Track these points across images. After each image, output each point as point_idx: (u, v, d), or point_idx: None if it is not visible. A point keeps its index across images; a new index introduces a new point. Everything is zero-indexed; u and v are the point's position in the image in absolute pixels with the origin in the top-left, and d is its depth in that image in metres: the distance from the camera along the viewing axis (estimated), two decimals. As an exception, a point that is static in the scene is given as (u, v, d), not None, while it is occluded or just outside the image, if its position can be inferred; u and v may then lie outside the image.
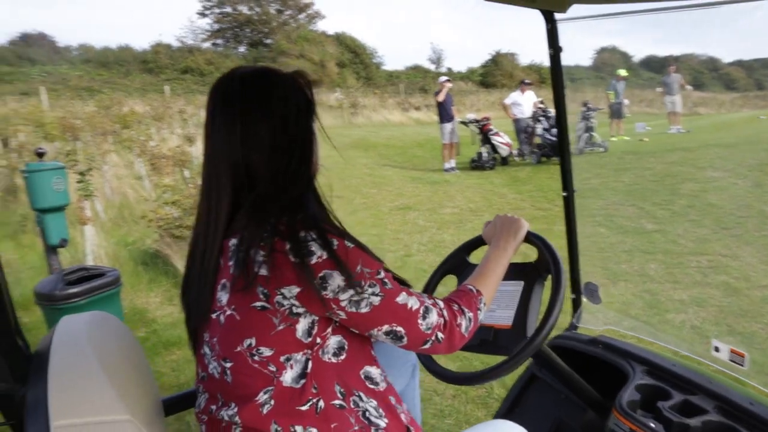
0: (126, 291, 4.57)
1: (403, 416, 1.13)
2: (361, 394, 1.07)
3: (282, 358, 1.00)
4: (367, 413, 1.07)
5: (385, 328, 1.04)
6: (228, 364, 1.03)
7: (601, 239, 5.43)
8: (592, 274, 1.95)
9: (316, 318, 1.00)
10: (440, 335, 1.09)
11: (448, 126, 10.28)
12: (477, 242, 1.50)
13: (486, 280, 1.25)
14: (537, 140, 10.68)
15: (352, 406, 1.05)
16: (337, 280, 0.97)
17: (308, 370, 1.01)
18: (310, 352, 1.01)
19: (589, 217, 6.08)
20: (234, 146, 1.04)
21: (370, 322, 1.02)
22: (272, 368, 1.00)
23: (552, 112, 9.95)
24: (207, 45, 37.86)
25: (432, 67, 41.44)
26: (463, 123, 11.01)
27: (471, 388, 2.84)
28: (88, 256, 4.39)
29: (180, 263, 4.63)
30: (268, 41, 37.59)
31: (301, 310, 0.98)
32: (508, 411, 1.84)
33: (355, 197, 8.59)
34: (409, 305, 1.06)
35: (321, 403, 1.02)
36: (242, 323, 1.00)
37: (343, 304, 0.99)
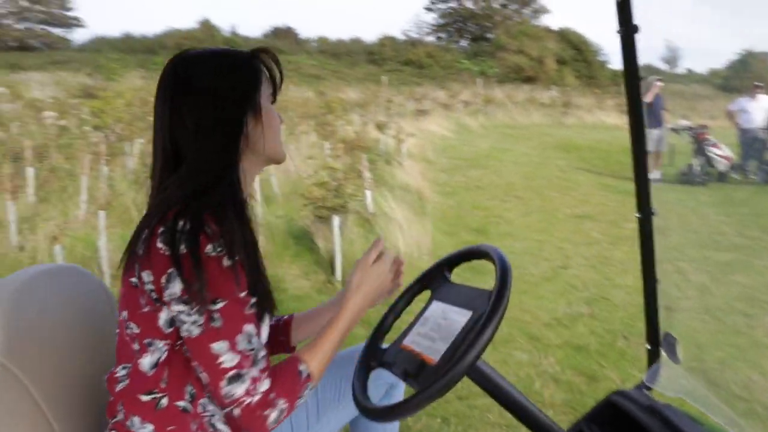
0: (272, 259, 4.86)
1: None
2: (212, 401, 1.01)
3: (145, 341, 0.98)
4: (213, 419, 1.02)
5: (195, 363, 0.95)
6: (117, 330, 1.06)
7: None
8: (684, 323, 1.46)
9: None
10: (237, 412, 0.94)
11: (654, 132, 9.06)
12: (463, 256, 1.23)
13: (323, 356, 1.07)
14: (769, 156, 8.89)
15: (199, 410, 1.01)
16: (176, 285, 0.91)
17: (161, 360, 0.98)
18: (170, 342, 0.98)
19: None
20: (163, 128, 1.03)
21: (188, 348, 0.95)
22: (136, 347, 0.99)
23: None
24: (430, 39, 39.11)
25: (665, 67, 37.32)
26: (674, 130, 9.64)
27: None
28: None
29: (321, 242, 4.77)
30: (489, 36, 37.46)
31: (160, 298, 0.95)
32: None
33: (534, 199, 8.07)
34: (221, 359, 0.92)
35: (164, 401, 0.99)
36: (122, 295, 1.01)
37: (173, 314, 0.94)
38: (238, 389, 0.92)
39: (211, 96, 1.01)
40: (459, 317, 1.06)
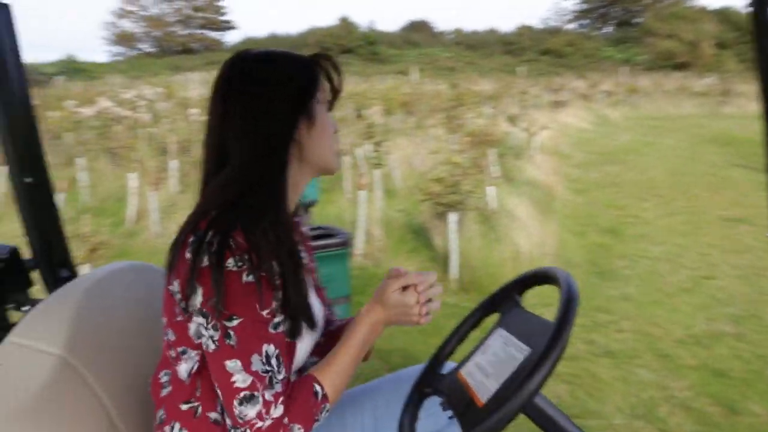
0: (388, 254, 4.88)
1: None
2: None
3: (179, 349, 0.97)
4: None
5: (212, 377, 0.91)
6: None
7: None
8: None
9: None
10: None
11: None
12: (533, 279, 1.10)
13: (338, 376, 1.00)
14: None
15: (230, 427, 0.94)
16: (197, 298, 0.89)
17: (194, 370, 0.97)
18: (201, 353, 0.96)
19: None
20: (214, 127, 1.01)
21: (207, 362, 0.92)
22: (173, 354, 0.99)
23: None
24: (571, 26, 37.17)
25: None
26: None
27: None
28: (360, 217, 4.81)
29: (437, 239, 4.69)
30: (636, 21, 34.72)
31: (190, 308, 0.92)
32: None
33: (678, 198, 7.33)
34: (234, 378, 0.88)
35: (200, 410, 0.99)
36: (164, 301, 1.00)
37: (195, 326, 0.93)
38: (250, 411, 0.88)
39: (264, 99, 0.97)
40: (517, 353, 0.94)
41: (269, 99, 0.97)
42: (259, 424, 0.88)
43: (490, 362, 0.98)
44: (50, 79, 21.84)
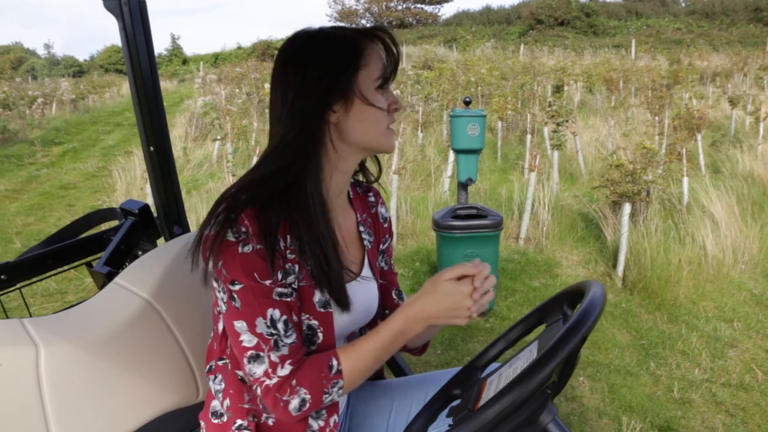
0: (553, 241, 4.63)
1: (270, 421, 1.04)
2: None
3: (216, 309, 1.04)
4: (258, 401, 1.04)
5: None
6: None
7: None
8: None
9: None
10: (258, 390, 0.95)
11: None
12: (580, 292, 0.95)
13: (359, 359, 0.98)
14: None
15: (254, 387, 0.99)
16: (211, 263, 0.95)
17: (223, 330, 1.05)
18: None
19: None
20: (270, 104, 1.04)
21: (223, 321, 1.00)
22: (215, 311, 1.06)
23: None
24: None
25: None
26: None
27: None
28: (528, 199, 4.61)
29: (609, 231, 4.32)
30: None
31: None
32: None
33: None
34: (242, 338, 0.94)
35: (230, 366, 1.05)
36: None
37: (215, 287, 0.98)
38: (258, 369, 0.93)
39: (302, 75, 0.96)
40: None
41: (306, 76, 0.96)
42: (267, 381, 0.93)
43: (508, 377, 0.90)
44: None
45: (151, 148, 1.48)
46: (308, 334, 1.01)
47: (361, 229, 1.15)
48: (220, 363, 1.07)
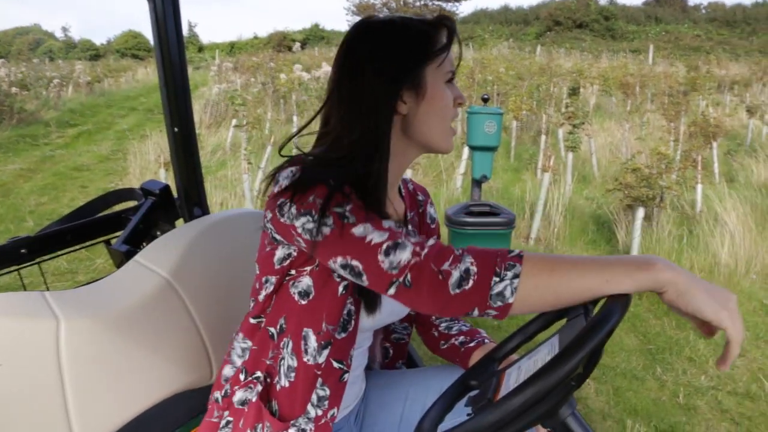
0: (564, 242, 4.61)
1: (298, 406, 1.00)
2: (291, 343, 1.00)
3: (263, 279, 1.01)
4: (284, 360, 1.01)
5: (340, 260, 0.86)
6: None
7: None
8: None
9: (294, 250, 0.96)
10: (409, 277, 0.81)
11: None
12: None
13: (547, 261, 0.79)
14: None
15: (280, 344, 1.01)
16: (290, 206, 0.88)
17: (269, 292, 1.01)
18: (279, 278, 0.99)
19: None
20: (329, 93, 1.02)
21: (325, 250, 0.87)
22: (257, 285, 1.03)
23: None
24: None
25: None
26: None
27: None
28: (541, 199, 4.59)
29: (621, 234, 4.30)
30: None
31: (279, 237, 0.95)
32: None
33: None
34: (369, 239, 0.83)
35: (263, 324, 1.03)
36: (260, 241, 1.05)
37: (299, 230, 0.88)
38: (403, 253, 0.81)
39: (369, 63, 0.93)
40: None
41: (374, 64, 0.93)
42: (417, 258, 0.80)
43: (529, 369, 0.90)
44: (294, 45, 24.40)
45: (176, 129, 1.49)
46: (345, 320, 1.00)
47: (409, 227, 1.13)
48: (251, 321, 1.05)
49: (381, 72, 0.93)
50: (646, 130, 7.56)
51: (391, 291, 0.83)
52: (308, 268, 0.97)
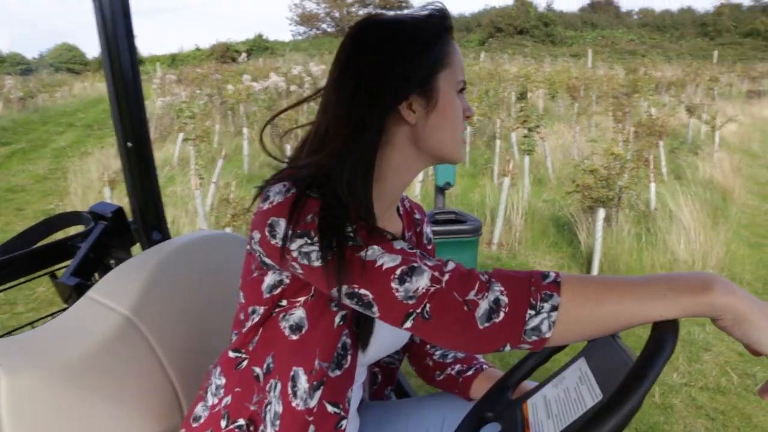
0: (526, 246, 4.61)
1: None
2: (279, 385, 0.88)
3: (249, 309, 0.90)
4: (270, 406, 0.89)
5: (345, 288, 0.75)
6: None
7: None
8: None
9: (286, 277, 0.85)
10: (428, 308, 0.71)
11: None
12: None
13: (586, 284, 0.70)
14: None
15: (266, 387, 0.89)
16: (283, 226, 0.77)
17: (255, 323, 0.89)
18: (267, 308, 0.88)
19: None
20: (326, 93, 0.91)
21: (326, 277, 0.75)
22: (242, 316, 0.92)
23: None
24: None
25: None
26: None
27: None
28: (501, 204, 4.58)
29: (582, 235, 4.32)
30: None
31: (268, 261, 0.84)
32: None
33: None
34: (378, 263, 0.73)
35: (244, 363, 0.92)
36: (243, 265, 0.93)
37: (294, 254, 0.78)
38: (420, 280, 0.71)
39: (378, 67, 0.83)
40: (588, 396, 0.74)
41: (383, 66, 0.83)
42: (438, 285, 0.71)
43: (558, 399, 0.80)
44: (239, 56, 23.99)
45: (129, 144, 1.33)
46: (339, 354, 0.88)
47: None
48: (231, 355, 0.93)
49: (390, 77, 0.84)
50: (597, 133, 7.72)
51: (408, 324, 0.73)
52: (302, 299, 0.86)
